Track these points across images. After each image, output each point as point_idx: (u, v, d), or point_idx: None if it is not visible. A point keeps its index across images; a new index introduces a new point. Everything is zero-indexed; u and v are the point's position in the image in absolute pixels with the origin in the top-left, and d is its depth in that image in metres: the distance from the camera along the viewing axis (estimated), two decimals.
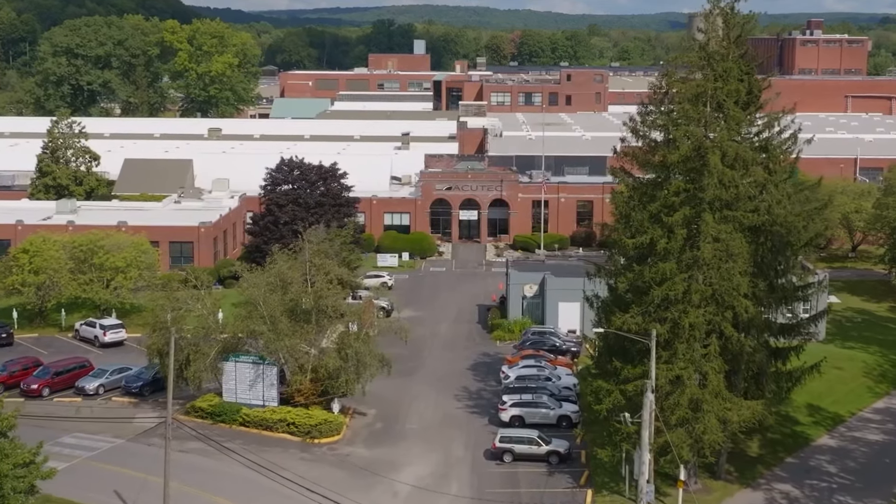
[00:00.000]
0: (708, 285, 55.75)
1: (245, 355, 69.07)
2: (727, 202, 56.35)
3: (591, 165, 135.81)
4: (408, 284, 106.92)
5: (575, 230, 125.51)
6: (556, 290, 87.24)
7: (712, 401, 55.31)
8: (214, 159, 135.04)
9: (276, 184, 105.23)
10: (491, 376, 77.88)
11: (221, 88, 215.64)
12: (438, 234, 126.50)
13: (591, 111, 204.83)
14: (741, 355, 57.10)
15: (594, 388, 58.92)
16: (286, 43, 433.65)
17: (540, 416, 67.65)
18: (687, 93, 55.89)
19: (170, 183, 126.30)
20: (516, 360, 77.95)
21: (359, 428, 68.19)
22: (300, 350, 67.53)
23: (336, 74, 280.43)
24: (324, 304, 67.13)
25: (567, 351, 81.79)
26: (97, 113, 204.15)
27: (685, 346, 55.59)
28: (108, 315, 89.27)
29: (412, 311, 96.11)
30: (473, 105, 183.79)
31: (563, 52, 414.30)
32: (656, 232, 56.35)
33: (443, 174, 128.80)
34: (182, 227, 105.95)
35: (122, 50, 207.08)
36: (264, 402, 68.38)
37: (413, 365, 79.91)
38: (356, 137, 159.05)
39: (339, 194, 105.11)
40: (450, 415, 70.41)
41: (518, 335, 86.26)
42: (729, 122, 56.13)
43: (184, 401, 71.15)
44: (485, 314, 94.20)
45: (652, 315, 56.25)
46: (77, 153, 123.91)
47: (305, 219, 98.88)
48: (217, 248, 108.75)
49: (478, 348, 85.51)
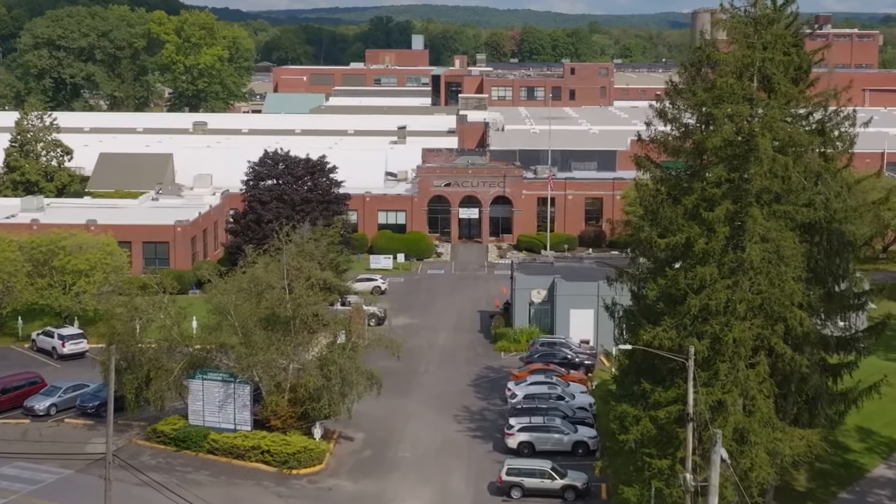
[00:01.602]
0: (755, 293, 46.97)
1: (214, 372, 60.33)
2: (777, 194, 47.63)
3: (600, 160, 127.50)
4: (403, 288, 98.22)
5: (583, 229, 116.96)
6: (567, 295, 78.47)
7: (761, 431, 46.49)
8: (196, 154, 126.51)
9: (259, 178, 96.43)
10: (495, 393, 69.13)
11: (210, 82, 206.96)
12: (436, 233, 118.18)
13: (596, 106, 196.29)
14: (792, 376, 48.33)
15: (619, 414, 50.07)
16: (282, 40, 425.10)
17: (552, 443, 58.90)
18: (731, 65, 47.03)
19: (148, 179, 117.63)
20: (524, 375, 69.16)
21: (344, 456, 59.38)
22: (277, 366, 58.75)
23: (331, 69, 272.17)
24: (303, 312, 58.32)
25: (580, 364, 73.01)
26: (80, 107, 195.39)
27: (728, 366, 46.79)
28: (69, 324, 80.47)
29: (407, 319, 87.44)
30: (474, 98, 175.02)
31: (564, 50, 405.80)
32: (693, 230, 47.55)
33: (441, 169, 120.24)
34: (156, 226, 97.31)
35: (106, 42, 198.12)
36: (236, 425, 59.63)
37: (407, 380, 71.15)
38: (350, 132, 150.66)
39: (328, 190, 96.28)
40: (449, 440, 61.59)
41: (525, 346, 77.56)
42: (778, 100, 47.32)
43: (145, 422, 62.42)
44: (487, 322, 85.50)
45: (688, 329, 47.45)
46: (48, 147, 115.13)
47: (291, 217, 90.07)
48: (195, 248, 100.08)
49: (480, 361, 76.74)
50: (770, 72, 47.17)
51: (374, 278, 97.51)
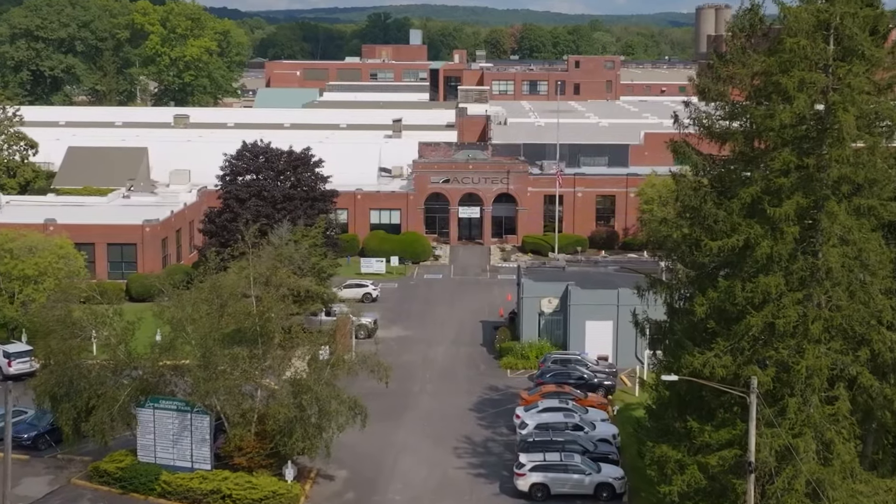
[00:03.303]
0: (833, 310, 37.42)
1: (168, 400, 50.62)
2: (857, 185, 38.07)
3: (611, 155, 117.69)
4: (396, 295, 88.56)
5: (594, 230, 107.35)
6: (582, 305, 68.81)
7: (841, 484, 36.91)
8: (174, 148, 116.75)
9: (236, 174, 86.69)
10: (501, 420, 59.47)
11: (197, 75, 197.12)
12: (434, 234, 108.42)
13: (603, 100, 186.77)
14: (876, 412, 38.75)
15: (657, 458, 40.45)
16: (278, 36, 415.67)
17: (571, 485, 49.25)
18: (803, 22, 37.37)
19: (120, 174, 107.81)
20: (534, 399, 59.43)
21: (321, 500, 49.69)
22: (242, 393, 49.08)
23: (326, 64, 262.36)
24: (271, 328, 48.68)
25: (599, 385, 63.29)
26: (59, 101, 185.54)
27: (799, 401, 37.26)
28: (17, 339, 70.64)
29: (401, 330, 77.87)
30: (474, 90, 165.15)
31: (565, 47, 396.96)
32: (753, 230, 38.00)
33: (440, 164, 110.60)
34: (123, 226, 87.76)
35: (87, 33, 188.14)
36: (193, 464, 49.91)
37: (399, 403, 61.50)
38: (342, 126, 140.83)
39: (314, 186, 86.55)
40: (447, 479, 51.86)
41: (534, 363, 67.93)
42: (860, 66, 37.70)
43: (89, 457, 52.78)
44: (491, 334, 75.90)
45: (747, 354, 37.96)
46: (10, 140, 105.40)
47: (271, 215, 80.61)
48: (167, 251, 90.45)
49: (483, 380, 67.05)
50: (850, 31, 37.55)
51: (364, 284, 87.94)
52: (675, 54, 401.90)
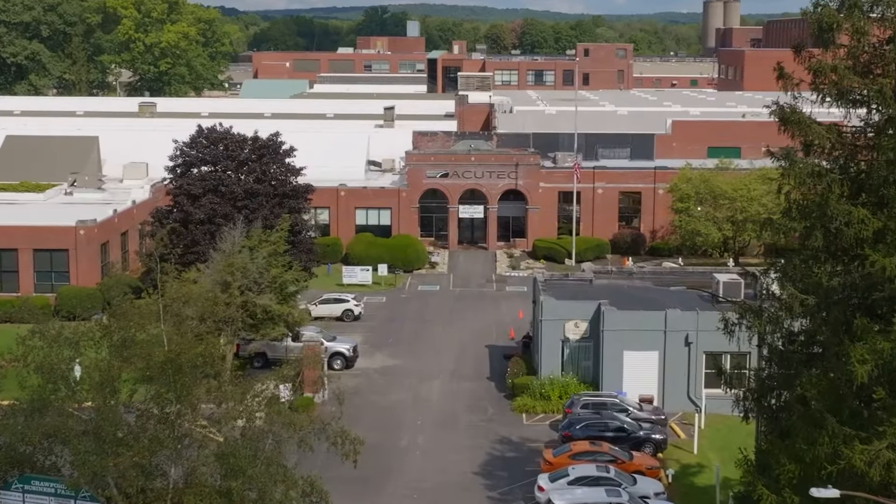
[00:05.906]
0: None
1: (43, 480, 35.38)
2: None
3: (634, 146, 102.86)
4: (384, 312, 73.50)
5: (617, 232, 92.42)
6: (619, 330, 53.49)
7: None
8: (130, 137, 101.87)
9: (189, 165, 71.55)
10: (519, 493, 44.27)
11: (174, 63, 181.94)
12: (430, 237, 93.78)
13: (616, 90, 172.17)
14: None
15: None
16: (272, 31, 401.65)
17: None
18: None
19: (65, 167, 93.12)
20: (561, 462, 44.24)
21: None
22: (141, 474, 33.74)
23: (317, 55, 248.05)
24: (184, 380, 33.29)
25: (646, 440, 48.09)
26: (23, 91, 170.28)
27: None
28: None
29: (387, 358, 62.79)
30: (476, 77, 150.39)
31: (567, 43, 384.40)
32: None
33: (437, 156, 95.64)
34: (52, 228, 72.89)
35: (54, 16, 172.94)
36: None
37: (381, 466, 46.23)
38: (329, 116, 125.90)
39: (284, 180, 71.38)
40: None
41: (557, 405, 52.84)
42: None
43: None
44: (500, 363, 60.75)
45: None
46: None
47: (230, 215, 65.54)
48: (107, 258, 75.44)
49: (492, 429, 51.78)
50: None
51: (344, 298, 72.76)
52: (681, 50, 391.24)
